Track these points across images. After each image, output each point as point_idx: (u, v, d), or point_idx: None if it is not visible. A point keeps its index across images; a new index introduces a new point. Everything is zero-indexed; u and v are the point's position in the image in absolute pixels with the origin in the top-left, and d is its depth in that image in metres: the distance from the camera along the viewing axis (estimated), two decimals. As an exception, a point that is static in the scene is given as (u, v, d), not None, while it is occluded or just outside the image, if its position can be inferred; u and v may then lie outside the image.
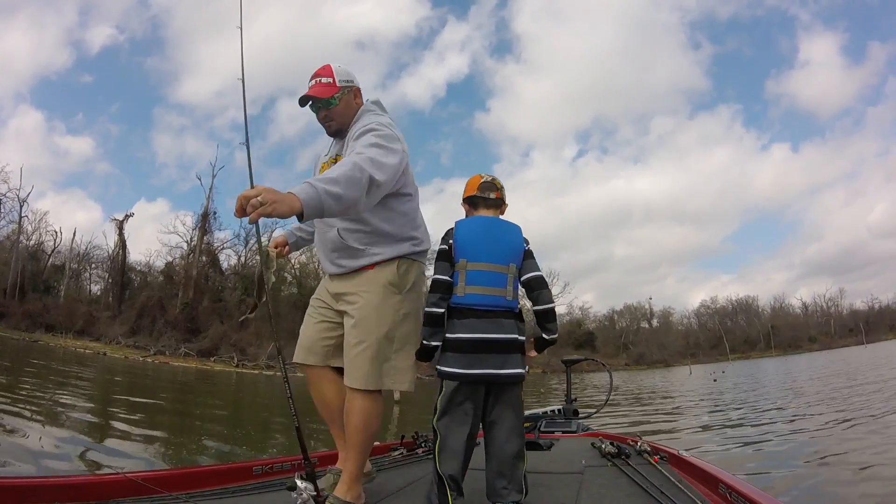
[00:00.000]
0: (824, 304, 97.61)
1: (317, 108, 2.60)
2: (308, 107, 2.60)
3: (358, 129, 2.47)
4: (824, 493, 4.69)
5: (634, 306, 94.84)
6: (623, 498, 2.55)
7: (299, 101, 2.58)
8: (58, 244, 52.37)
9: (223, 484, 2.78)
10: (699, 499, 2.36)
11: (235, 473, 2.85)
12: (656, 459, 3.15)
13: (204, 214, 51.29)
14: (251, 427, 10.82)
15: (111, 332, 43.00)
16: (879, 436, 7.27)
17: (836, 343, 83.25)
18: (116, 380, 20.27)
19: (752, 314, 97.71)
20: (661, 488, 2.51)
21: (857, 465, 5.45)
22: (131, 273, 51.87)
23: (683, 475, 2.81)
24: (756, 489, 2.20)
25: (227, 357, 41.50)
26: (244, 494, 2.64)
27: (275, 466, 2.99)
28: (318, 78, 2.58)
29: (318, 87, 2.56)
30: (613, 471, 3.07)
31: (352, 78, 2.63)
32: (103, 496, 2.34)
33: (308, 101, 2.58)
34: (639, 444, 3.42)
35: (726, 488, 2.34)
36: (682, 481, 2.66)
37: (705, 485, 2.59)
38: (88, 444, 6.85)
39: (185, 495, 2.56)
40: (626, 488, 2.69)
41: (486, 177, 2.64)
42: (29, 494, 2.17)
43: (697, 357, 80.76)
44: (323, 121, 2.62)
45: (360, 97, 2.66)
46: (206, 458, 7.00)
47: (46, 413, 8.76)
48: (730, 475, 2.48)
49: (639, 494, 2.55)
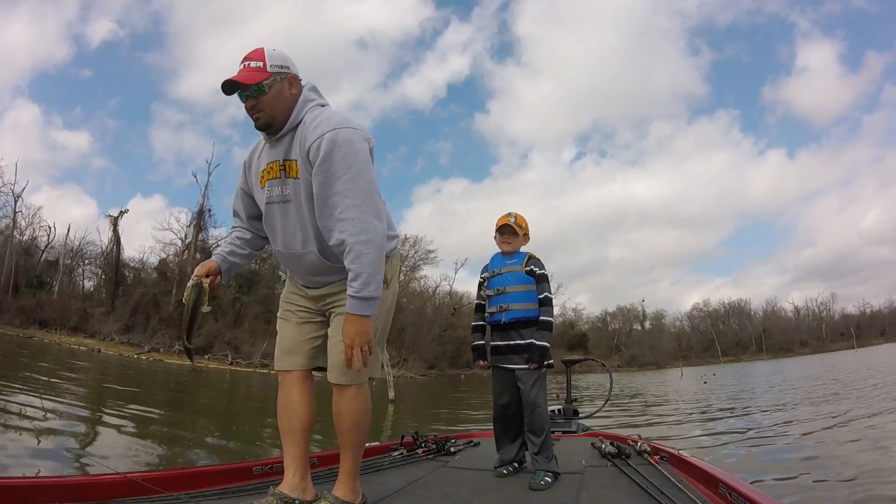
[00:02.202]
0: (816, 309, 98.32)
1: (244, 97, 2.25)
2: (236, 96, 2.27)
3: (314, 141, 2.19)
4: (823, 492, 4.70)
5: (627, 308, 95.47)
6: (623, 498, 2.56)
7: (222, 86, 2.21)
8: (51, 239, 52.01)
9: (223, 484, 2.76)
10: (699, 499, 2.37)
11: (235, 473, 2.84)
12: (656, 459, 3.16)
13: (199, 211, 51.09)
14: (246, 425, 10.80)
15: (105, 328, 42.71)
16: (875, 434, 7.31)
17: (828, 347, 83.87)
18: (110, 377, 20.17)
19: (745, 317, 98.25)
20: (662, 488, 2.52)
21: (855, 465, 5.49)
22: (125, 269, 51.55)
23: (683, 475, 2.82)
24: (756, 489, 2.20)
25: (220, 355, 41.38)
26: (244, 494, 2.62)
27: (275, 466, 2.98)
28: (247, 62, 2.25)
29: (245, 72, 2.23)
30: (613, 471, 3.08)
31: (288, 64, 2.31)
32: (103, 496, 2.33)
33: (234, 88, 2.23)
34: (639, 445, 3.44)
35: (726, 488, 2.34)
36: (682, 481, 2.67)
37: (705, 485, 2.60)
38: (80, 443, 6.80)
39: (185, 495, 2.54)
40: (627, 488, 2.70)
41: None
42: (29, 494, 2.16)
43: (689, 359, 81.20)
44: (250, 111, 2.26)
45: (296, 86, 2.33)
46: (201, 458, 6.96)
47: (38, 412, 8.70)
48: (730, 475, 2.49)
49: (639, 494, 2.56)
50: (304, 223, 2.31)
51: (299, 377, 2.46)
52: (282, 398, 2.47)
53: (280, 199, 2.33)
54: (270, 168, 2.34)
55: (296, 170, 2.28)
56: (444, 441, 3.98)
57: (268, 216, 2.41)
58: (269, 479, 2.87)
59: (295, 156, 2.28)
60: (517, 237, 3.53)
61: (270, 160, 2.34)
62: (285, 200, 2.32)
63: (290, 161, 2.29)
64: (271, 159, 2.34)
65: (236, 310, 48.22)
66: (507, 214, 3.55)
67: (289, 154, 2.30)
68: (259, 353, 40.88)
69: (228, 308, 47.42)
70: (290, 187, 2.30)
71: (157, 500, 2.44)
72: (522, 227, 3.55)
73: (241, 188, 2.55)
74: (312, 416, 2.45)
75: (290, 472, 2.38)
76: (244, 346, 43.03)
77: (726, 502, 2.30)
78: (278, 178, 2.31)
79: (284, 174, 2.30)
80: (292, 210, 2.32)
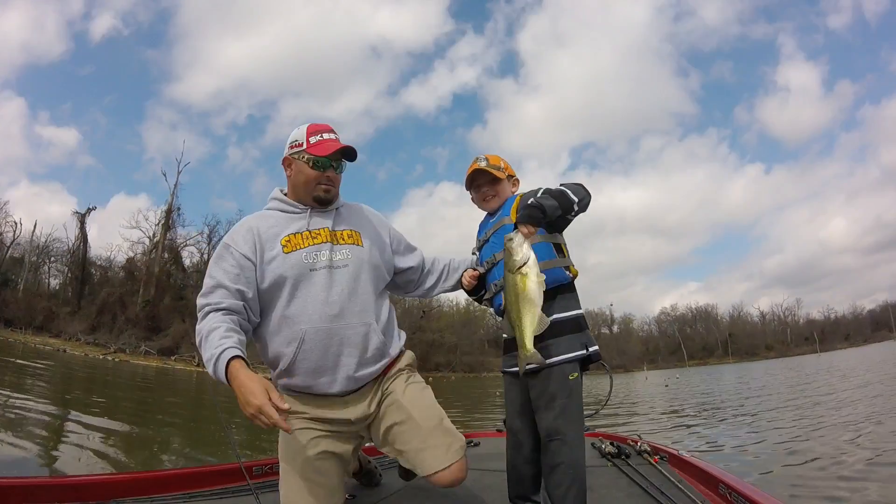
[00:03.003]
0: (782, 314, 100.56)
1: (338, 167, 2.28)
2: (339, 163, 2.28)
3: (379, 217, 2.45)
4: (823, 491, 4.80)
5: (595, 312, 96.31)
6: (623, 498, 2.57)
7: (345, 151, 2.24)
8: (17, 235, 50.69)
9: (223, 484, 2.74)
10: (699, 499, 2.39)
11: (235, 473, 2.81)
12: (656, 459, 3.18)
13: (167, 210, 50.35)
14: (214, 428, 10.62)
15: (71, 328, 41.84)
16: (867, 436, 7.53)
17: (792, 351, 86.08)
18: (75, 378, 19.75)
19: (711, 322, 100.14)
20: (662, 488, 2.53)
21: (853, 466, 5.61)
22: (92, 268, 50.52)
23: (683, 475, 2.84)
24: (756, 489, 2.22)
25: (188, 356, 40.76)
26: (243, 494, 2.60)
27: (274, 467, 2.95)
28: (336, 134, 2.28)
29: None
30: (613, 471, 3.08)
31: None
32: (103, 496, 2.30)
33: (347, 155, 2.27)
34: (639, 445, 3.45)
35: (726, 488, 2.36)
36: (682, 481, 2.68)
37: (705, 485, 2.61)
38: (43, 446, 6.63)
39: (185, 495, 2.53)
40: (627, 488, 2.71)
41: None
42: (29, 494, 2.14)
43: (656, 363, 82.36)
44: (330, 182, 2.26)
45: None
46: (167, 461, 6.84)
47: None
48: (730, 475, 2.50)
49: (639, 494, 2.57)
50: (369, 293, 2.26)
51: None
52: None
53: (328, 264, 2.19)
54: (317, 234, 2.23)
55: (358, 238, 2.29)
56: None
57: (303, 283, 2.15)
58: (268, 479, 2.84)
59: (352, 227, 2.31)
60: (500, 183, 2.47)
61: (315, 227, 2.25)
62: (336, 266, 2.21)
63: (347, 231, 2.29)
64: (316, 226, 2.25)
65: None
66: (476, 159, 2.49)
67: (338, 225, 2.29)
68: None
69: (196, 309, 46.68)
70: (346, 253, 2.24)
71: (157, 499, 2.43)
72: (502, 168, 2.48)
73: (245, 259, 2.14)
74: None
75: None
76: (213, 346, 42.46)
77: (726, 502, 2.32)
78: (327, 243, 2.23)
79: (335, 240, 2.25)
80: (347, 277, 2.21)
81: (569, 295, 2.28)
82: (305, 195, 2.27)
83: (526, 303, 2.07)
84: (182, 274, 52.38)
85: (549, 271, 2.18)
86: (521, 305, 2.08)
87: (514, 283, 2.08)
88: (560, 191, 2.19)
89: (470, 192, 2.53)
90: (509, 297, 2.11)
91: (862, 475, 5.12)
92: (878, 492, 4.58)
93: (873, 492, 4.59)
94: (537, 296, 2.07)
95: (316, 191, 2.24)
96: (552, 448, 2.11)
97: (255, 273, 2.13)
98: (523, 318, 2.08)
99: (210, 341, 1.92)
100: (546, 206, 2.09)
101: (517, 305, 2.09)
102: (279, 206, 2.29)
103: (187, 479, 2.69)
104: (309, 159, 2.22)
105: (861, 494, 4.56)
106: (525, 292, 2.07)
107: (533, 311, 2.07)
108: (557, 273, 2.24)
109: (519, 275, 2.07)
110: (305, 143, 2.22)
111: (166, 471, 3.07)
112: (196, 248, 53.06)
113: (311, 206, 2.27)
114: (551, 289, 2.17)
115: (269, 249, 2.15)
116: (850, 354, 55.12)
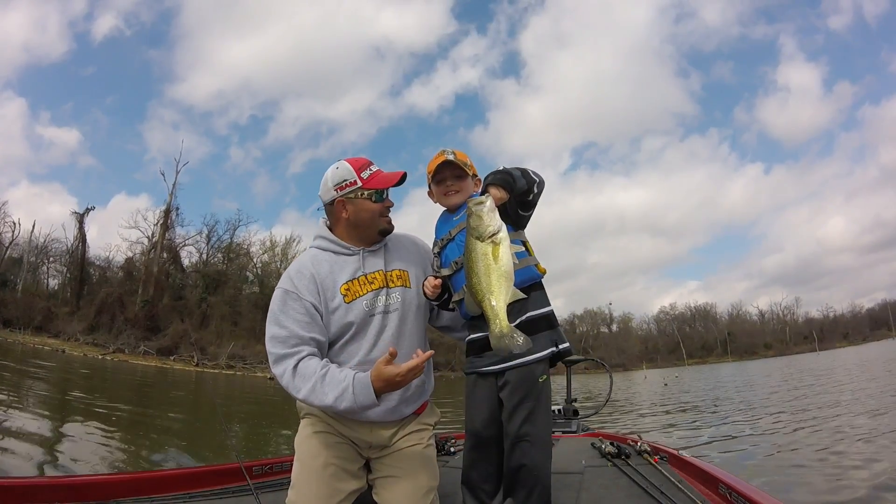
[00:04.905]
0: (780, 313, 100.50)
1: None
2: (391, 189, 2.28)
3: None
4: (824, 491, 4.81)
5: (595, 311, 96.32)
6: (623, 498, 2.57)
7: (402, 177, 2.25)
8: (16, 236, 50.55)
9: (222, 484, 2.74)
10: (699, 499, 2.39)
11: (235, 473, 2.81)
12: (656, 459, 3.17)
13: (166, 210, 50.27)
14: (214, 428, 10.61)
15: (70, 328, 41.76)
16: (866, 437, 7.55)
17: (791, 350, 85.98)
18: (73, 378, 19.72)
19: (710, 321, 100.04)
20: (661, 488, 2.53)
21: (850, 465, 5.63)
22: (90, 268, 50.41)
23: (683, 475, 2.84)
24: (756, 489, 2.22)
25: (186, 356, 40.76)
26: (244, 494, 2.60)
27: (274, 467, 2.96)
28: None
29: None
30: (613, 471, 3.08)
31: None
32: (103, 496, 2.30)
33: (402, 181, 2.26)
34: (639, 445, 3.44)
35: (726, 488, 2.36)
36: (682, 481, 2.68)
37: (705, 485, 2.61)
38: (43, 446, 6.63)
39: (184, 495, 2.53)
40: (627, 488, 2.71)
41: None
42: (29, 494, 2.13)
43: (655, 362, 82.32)
44: (387, 212, 2.29)
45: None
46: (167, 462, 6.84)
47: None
48: (730, 475, 2.50)
49: (639, 494, 2.57)
50: (415, 333, 2.29)
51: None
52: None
53: (384, 309, 2.22)
54: (373, 278, 2.24)
55: (406, 279, 2.28)
56: (444, 441, 3.97)
57: (361, 329, 2.19)
58: (268, 479, 2.85)
59: (401, 266, 2.31)
60: (465, 179, 2.35)
61: (370, 270, 2.25)
62: (389, 311, 2.24)
63: (396, 271, 2.29)
64: (371, 269, 2.25)
65: (202, 311, 47.53)
66: (442, 151, 2.34)
67: (389, 264, 2.29)
68: (225, 354, 40.39)
69: (195, 309, 46.74)
70: (396, 297, 2.25)
71: (157, 499, 2.43)
72: (468, 165, 2.36)
73: (313, 308, 2.16)
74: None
75: None
76: (210, 347, 42.42)
77: (726, 502, 2.32)
78: (383, 289, 2.24)
79: (388, 283, 2.25)
80: (396, 320, 2.24)
81: (541, 292, 2.24)
82: (370, 231, 2.26)
83: (500, 276, 1.88)
84: (181, 274, 52.32)
85: (523, 269, 2.13)
86: (495, 279, 1.88)
87: (486, 252, 1.88)
88: (520, 168, 2.13)
89: (430, 185, 2.39)
90: (476, 269, 1.90)
91: (862, 475, 5.13)
92: (879, 491, 4.58)
93: (873, 491, 4.59)
94: (511, 270, 1.92)
95: (381, 224, 2.26)
96: (519, 450, 2.08)
97: (322, 321, 2.16)
98: (496, 292, 1.88)
99: (331, 383, 1.96)
100: (513, 174, 2.05)
101: (489, 278, 1.88)
102: (330, 246, 2.27)
103: (187, 479, 2.68)
104: (370, 194, 2.21)
105: (861, 494, 4.56)
106: (498, 264, 1.88)
107: (507, 285, 1.89)
108: (532, 271, 2.21)
109: (491, 244, 1.88)
110: (359, 181, 2.20)
111: (166, 471, 3.07)
112: (195, 247, 53.14)
113: (362, 247, 2.27)
114: (526, 287, 2.11)
115: (331, 299, 2.17)
116: (849, 353, 55.18)
